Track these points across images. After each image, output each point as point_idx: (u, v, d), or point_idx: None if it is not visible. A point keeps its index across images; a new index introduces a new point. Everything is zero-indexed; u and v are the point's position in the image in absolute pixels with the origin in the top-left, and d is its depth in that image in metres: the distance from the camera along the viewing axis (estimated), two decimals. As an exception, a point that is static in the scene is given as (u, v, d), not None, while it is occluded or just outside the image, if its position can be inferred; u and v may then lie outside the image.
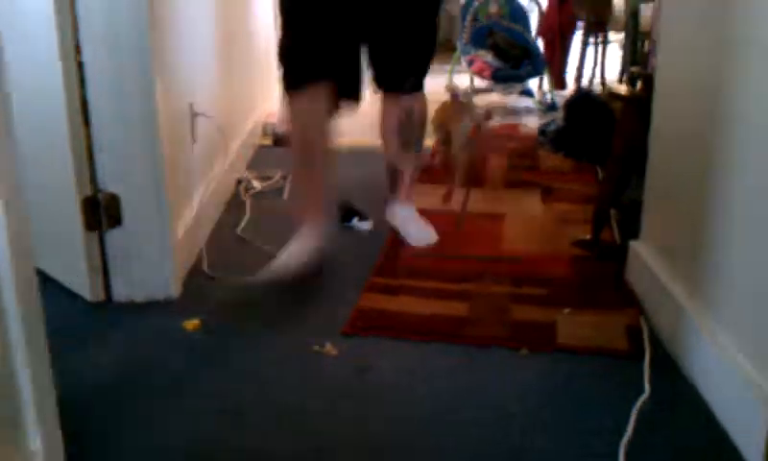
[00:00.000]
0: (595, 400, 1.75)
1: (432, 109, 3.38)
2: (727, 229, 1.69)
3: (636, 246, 2.26)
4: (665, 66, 2.12)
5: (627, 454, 1.56)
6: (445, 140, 3.21)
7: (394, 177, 2.68)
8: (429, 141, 3.22)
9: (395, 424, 1.68)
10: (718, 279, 1.73)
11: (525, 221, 2.84)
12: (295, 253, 2.33)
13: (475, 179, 3.18)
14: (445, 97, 3.57)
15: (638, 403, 1.71)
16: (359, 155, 3.79)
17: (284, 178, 3.35)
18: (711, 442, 1.61)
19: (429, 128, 3.32)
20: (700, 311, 1.80)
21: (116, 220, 2.16)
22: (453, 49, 5.42)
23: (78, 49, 2.03)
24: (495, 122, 3.48)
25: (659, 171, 2.16)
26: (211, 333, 2.05)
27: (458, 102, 3.35)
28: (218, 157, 3.00)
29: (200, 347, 2.00)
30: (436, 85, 5.46)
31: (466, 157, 3.07)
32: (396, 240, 2.65)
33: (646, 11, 4.44)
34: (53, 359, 1.40)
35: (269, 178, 3.35)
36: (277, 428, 1.67)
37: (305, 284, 2.24)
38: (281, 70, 2.36)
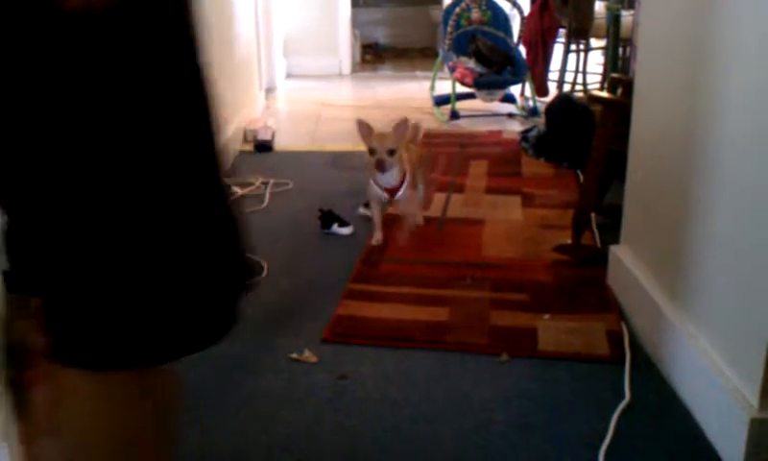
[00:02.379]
0: (576, 406, 1.73)
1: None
2: (706, 233, 1.68)
3: (617, 250, 2.25)
4: (643, 72, 2.12)
5: (607, 458, 1.54)
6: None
7: None
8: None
9: (374, 432, 1.65)
10: (698, 284, 1.73)
11: (506, 226, 2.83)
12: None
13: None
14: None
15: (619, 408, 1.70)
16: (339, 159, 3.79)
17: (264, 184, 3.33)
18: (692, 447, 1.60)
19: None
20: (680, 316, 1.79)
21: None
22: (435, 56, 5.43)
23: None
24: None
25: (638, 176, 2.16)
26: (188, 341, 2.02)
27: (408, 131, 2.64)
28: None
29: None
30: (420, 91, 5.48)
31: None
32: (374, 246, 2.62)
33: (627, 17, 4.47)
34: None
35: (249, 184, 3.33)
36: (254, 436, 1.64)
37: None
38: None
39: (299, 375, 1.87)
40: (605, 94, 2.58)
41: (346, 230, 2.77)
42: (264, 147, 3.96)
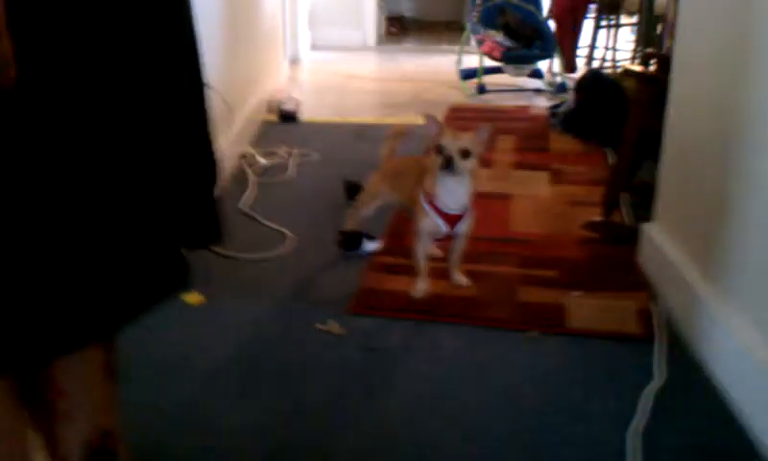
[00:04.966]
0: (606, 384, 1.71)
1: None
2: (744, 211, 1.64)
3: (649, 228, 2.21)
4: (683, 47, 2.07)
5: (636, 438, 1.52)
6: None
7: None
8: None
9: (400, 404, 1.64)
10: (733, 262, 1.69)
11: (534, 202, 2.80)
12: None
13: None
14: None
15: (650, 387, 1.67)
16: (364, 131, 3.76)
17: (289, 154, 3.31)
18: (723, 426, 1.57)
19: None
20: (713, 294, 1.76)
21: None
22: (460, 29, 5.35)
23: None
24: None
25: (674, 154, 2.11)
26: (214, 309, 2.02)
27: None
28: (222, 131, 2.95)
29: (201, 322, 1.96)
30: (445, 64, 5.42)
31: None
32: (401, 219, 2.60)
33: (660, -8, 4.38)
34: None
35: (273, 153, 3.31)
36: (282, 407, 1.64)
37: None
38: None
39: (324, 346, 1.86)
40: (640, 70, 2.53)
41: (372, 246, 2.69)
42: (289, 118, 3.94)
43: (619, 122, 2.52)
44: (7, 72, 0.68)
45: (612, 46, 5.00)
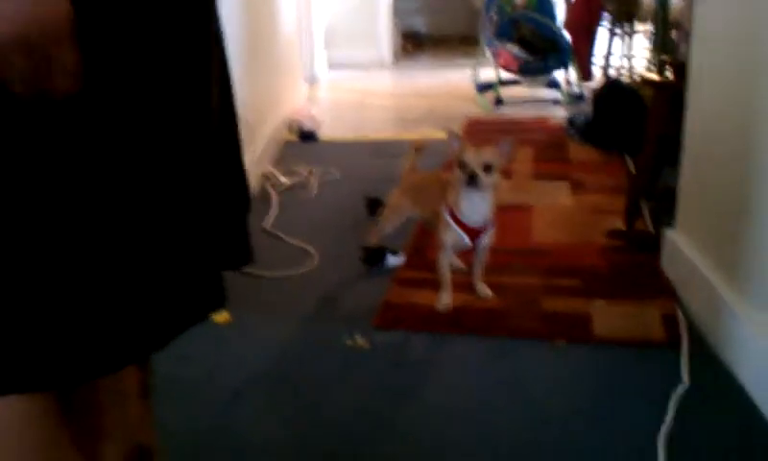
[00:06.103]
0: (633, 391, 1.71)
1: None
2: (763, 214, 1.64)
3: (672, 235, 2.21)
4: (699, 53, 2.08)
5: (666, 445, 1.52)
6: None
7: None
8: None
9: (429, 417, 1.65)
10: (756, 265, 1.69)
11: (555, 212, 2.81)
12: None
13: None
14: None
15: (677, 393, 1.67)
16: (383, 148, 3.79)
17: (310, 172, 3.35)
18: (752, 430, 1.56)
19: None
20: (738, 299, 1.76)
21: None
22: (475, 43, 5.38)
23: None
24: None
25: (694, 159, 2.12)
26: (241, 327, 2.04)
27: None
28: (244, 152, 2.99)
29: (229, 340, 1.99)
30: (461, 79, 5.44)
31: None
32: (423, 233, 2.62)
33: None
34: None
35: (295, 173, 3.35)
36: (310, 422, 1.65)
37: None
38: None
39: (351, 361, 1.88)
40: (657, 77, 2.54)
41: (397, 260, 2.67)
42: (309, 137, 3.98)
43: (638, 130, 2.53)
44: (70, 82, 0.66)
45: (627, 54, 5.01)
